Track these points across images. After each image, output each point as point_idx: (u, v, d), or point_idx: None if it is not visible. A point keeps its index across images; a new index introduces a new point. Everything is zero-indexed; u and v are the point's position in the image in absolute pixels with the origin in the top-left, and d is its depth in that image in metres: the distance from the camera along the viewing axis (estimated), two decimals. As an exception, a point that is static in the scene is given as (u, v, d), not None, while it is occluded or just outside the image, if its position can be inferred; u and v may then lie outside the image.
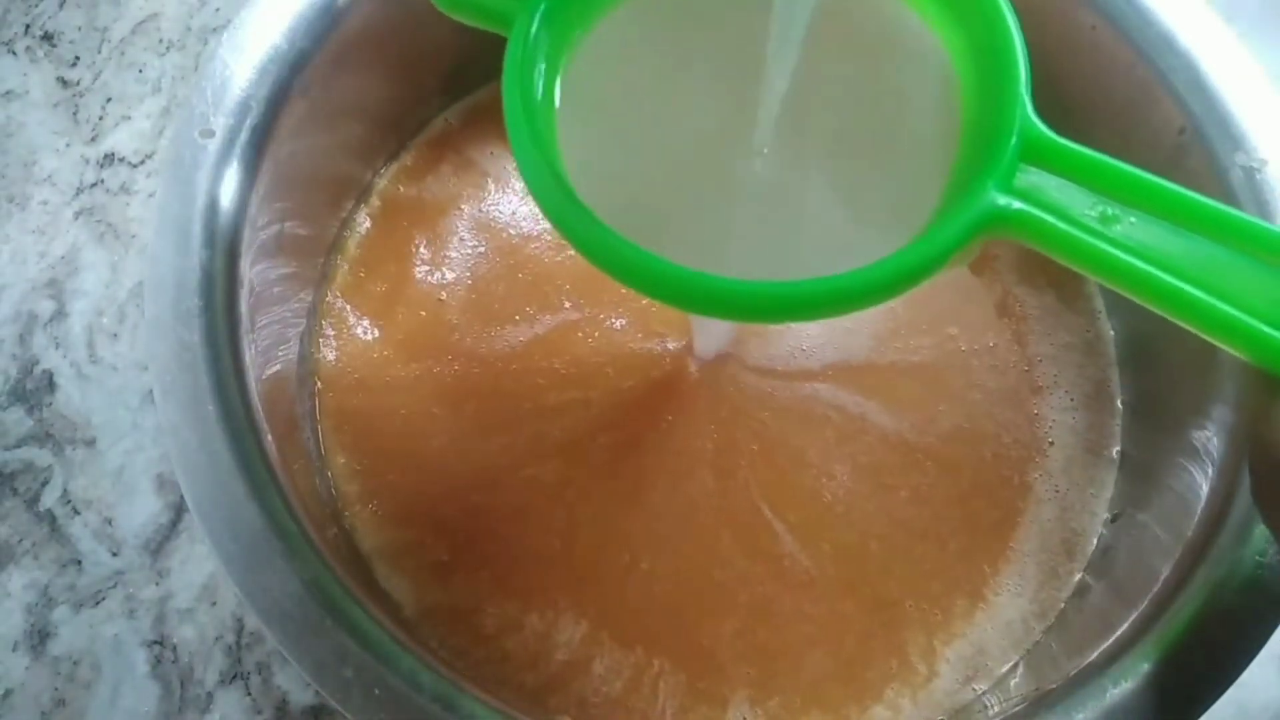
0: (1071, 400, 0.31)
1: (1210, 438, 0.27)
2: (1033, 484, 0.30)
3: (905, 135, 0.22)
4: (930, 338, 0.32)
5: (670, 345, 0.31)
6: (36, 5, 0.40)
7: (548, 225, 0.32)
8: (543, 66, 0.21)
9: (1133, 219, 0.19)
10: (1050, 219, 0.19)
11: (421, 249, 0.33)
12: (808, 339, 0.32)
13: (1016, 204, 0.19)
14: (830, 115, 0.23)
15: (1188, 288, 0.19)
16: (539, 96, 0.21)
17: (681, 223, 0.22)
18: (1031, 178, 0.20)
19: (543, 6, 0.21)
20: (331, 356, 0.31)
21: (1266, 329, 0.19)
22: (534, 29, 0.21)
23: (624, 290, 0.31)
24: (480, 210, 0.33)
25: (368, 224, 0.33)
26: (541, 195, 0.20)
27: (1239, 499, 0.25)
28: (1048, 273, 0.33)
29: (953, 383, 0.31)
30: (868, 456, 0.30)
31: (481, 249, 0.33)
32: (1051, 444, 0.31)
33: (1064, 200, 0.20)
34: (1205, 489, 0.26)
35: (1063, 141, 0.20)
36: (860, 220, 0.22)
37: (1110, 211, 0.20)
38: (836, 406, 0.31)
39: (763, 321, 0.19)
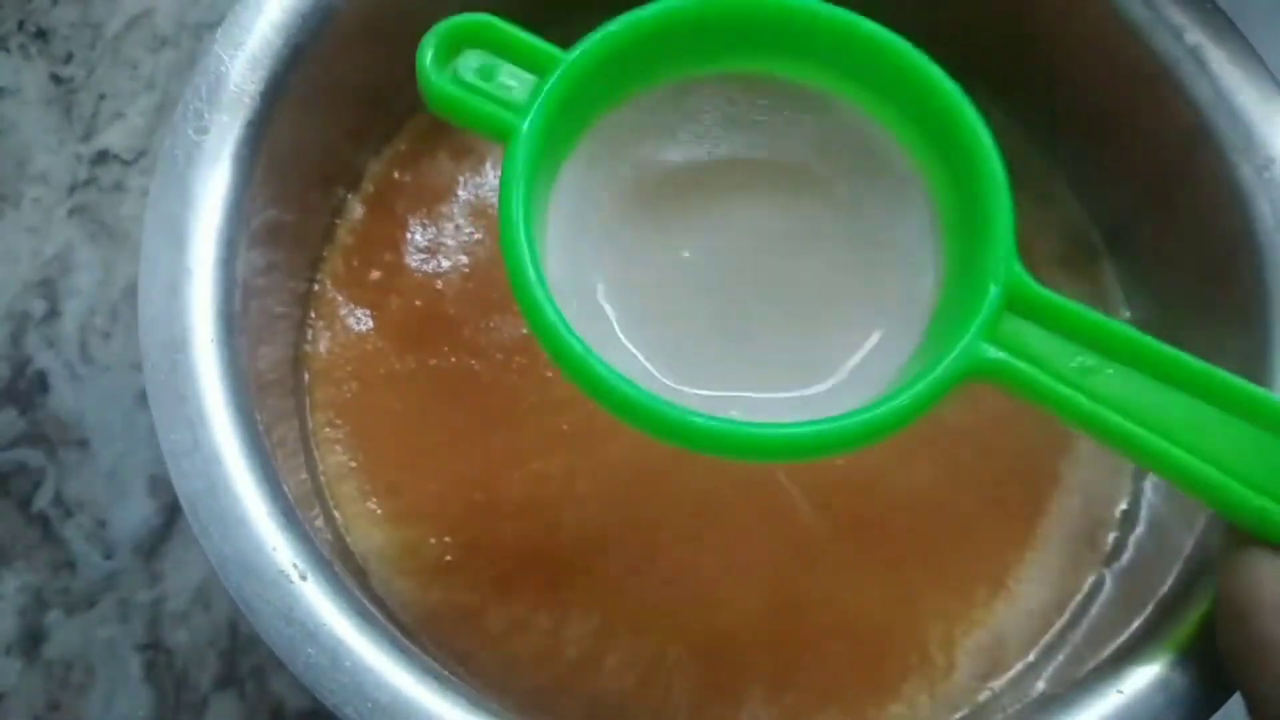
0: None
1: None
2: (1061, 473, 0.30)
3: (888, 267, 0.23)
4: None
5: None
6: (30, 1, 0.40)
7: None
8: (540, 176, 0.21)
9: (1111, 370, 0.20)
10: (1032, 370, 0.20)
11: (417, 236, 0.32)
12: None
13: (999, 354, 0.20)
14: (812, 243, 0.23)
15: (1166, 444, 0.19)
16: (534, 210, 0.21)
17: (664, 344, 0.22)
18: (1013, 326, 0.20)
19: (541, 121, 0.21)
20: (323, 348, 0.31)
21: (1242, 489, 0.19)
22: (532, 143, 0.21)
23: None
24: (477, 196, 0.32)
25: (360, 210, 0.32)
26: (539, 326, 0.20)
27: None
28: (1079, 265, 0.32)
29: None
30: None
31: (479, 235, 0.32)
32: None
33: (1045, 350, 0.20)
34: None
35: (1046, 293, 0.20)
36: (841, 350, 0.22)
37: (1089, 363, 0.20)
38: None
39: (738, 459, 0.20)
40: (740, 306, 0.23)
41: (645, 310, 0.23)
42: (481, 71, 0.22)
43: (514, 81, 0.22)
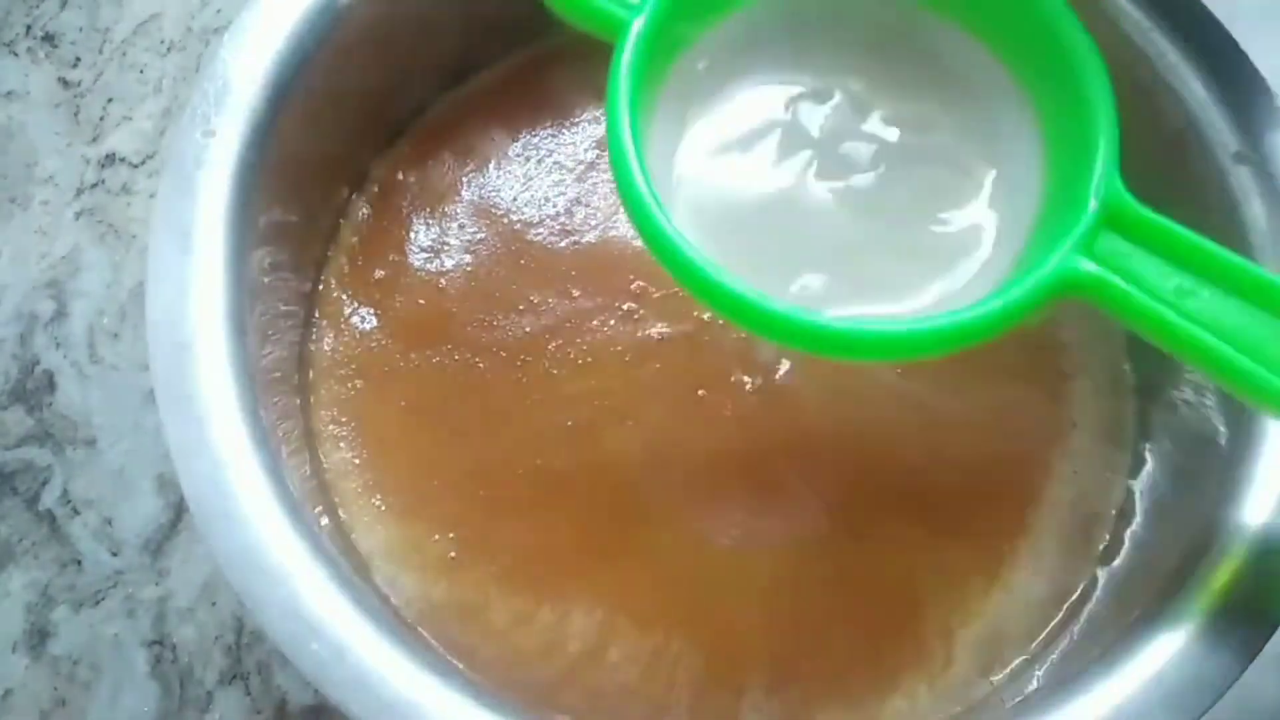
0: (1095, 385, 0.31)
1: (1218, 429, 0.27)
2: (1053, 463, 0.30)
3: (986, 184, 0.22)
4: None
5: (689, 328, 0.31)
6: (38, 6, 0.40)
7: (550, 211, 0.33)
8: (646, 77, 0.21)
9: (1207, 294, 0.19)
10: (1128, 287, 0.19)
11: (420, 235, 0.32)
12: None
13: (1095, 268, 0.19)
14: (914, 160, 0.23)
15: (1263, 371, 0.19)
16: (640, 108, 0.21)
17: (762, 251, 0.22)
18: (1110, 243, 0.20)
19: (655, 13, 0.21)
20: (327, 347, 0.31)
21: None
22: (644, 36, 0.21)
23: (631, 278, 0.31)
24: (480, 196, 0.33)
25: (365, 211, 0.33)
26: (639, 216, 0.20)
27: (1243, 496, 0.25)
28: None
29: (985, 358, 0.31)
30: (885, 416, 0.30)
31: (482, 235, 0.32)
32: (1075, 426, 0.31)
33: (1142, 269, 0.20)
34: (1210, 483, 0.26)
35: (1147, 212, 0.20)
36: (936, 265, 0.22)
37: (1185, 284, 0.19)
38: (866, 374, 0.31)
39: (842, 359, 0.20)
40: (834, 221, 0.23)
41: (738, 223, 0.22)
42: None
43: None
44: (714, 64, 0.23)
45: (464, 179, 0.33)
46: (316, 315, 0.31)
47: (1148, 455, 0.30)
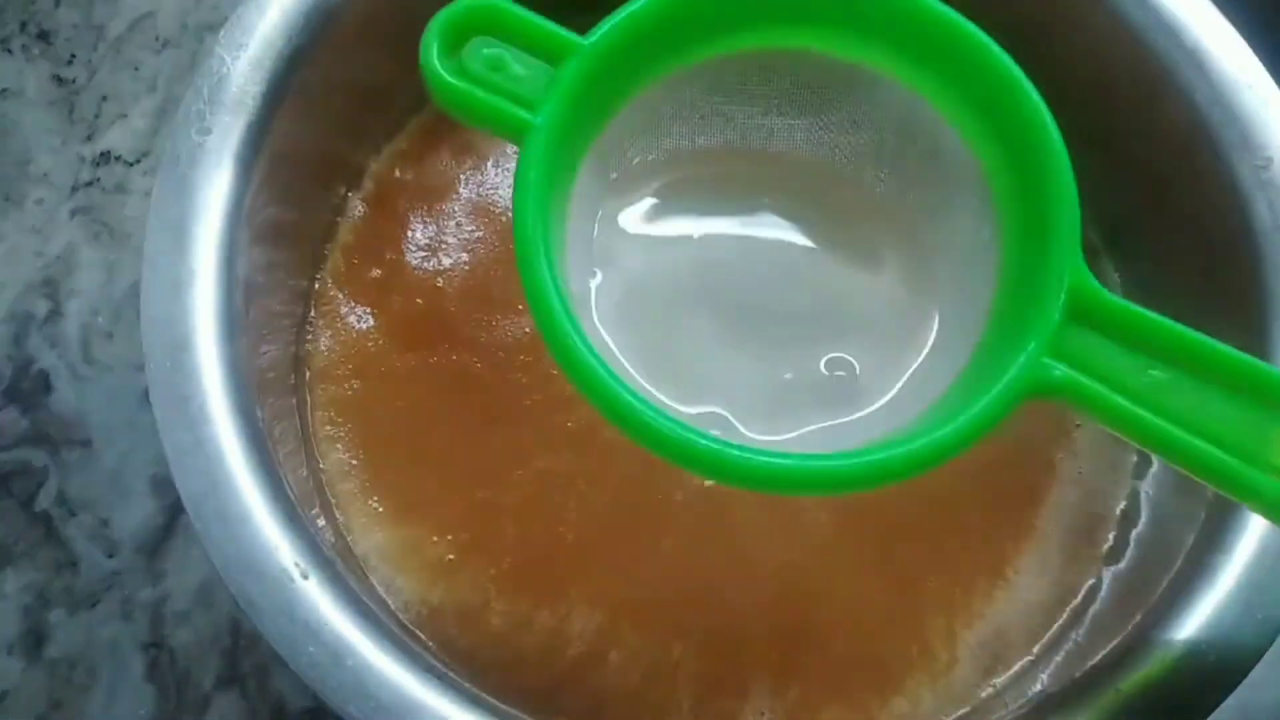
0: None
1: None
2: (1057, 464, 0.30)
3: (937, 271, 0.21)
4: None
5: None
6: (32, 3, 0.40)
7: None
8: (557, 176, 0.20)
9: (1186, 385, 0.18)
10: (1100, 387, 0.18)
11: (418, 234, 0.32)
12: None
13: (1064, 370, 0.18)
14: (850, 249, 0.22)
15: (1251, 470, 0.17)
16: (551, 215, 0.19)
17: (678, 361, 0.21)
18: (1079, 339, 0.18)
19: (559, 116, 0.19)
20: (324, 347, 0.31)
21: None
22: (549, 141, 0.19)
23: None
24: (479, 194, 0.33)
25: (362, 208, 0.32)
26: (550, 329, 0.19)
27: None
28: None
29: None
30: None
31: (480, 233, 0.32)
32: (1078, 425, 0.31)
33: (1113, 364, 0.18)
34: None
35: (1115, 299, 0.18)
36: (879, 369, 0.21)
37: (1161, 377, 0.18)
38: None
39: (794, 495, 0.19)
40: (768, 328, 0.21)
41: (659, 330, 0.21)
42: (491, 62, 0.19)
43: (527, 72, 0.19)
44: (628, 145, 0.21)
45: (462, 176, 0.33)
46: (313, 315, 0.31)
47: (1154, 456, 0.30)
